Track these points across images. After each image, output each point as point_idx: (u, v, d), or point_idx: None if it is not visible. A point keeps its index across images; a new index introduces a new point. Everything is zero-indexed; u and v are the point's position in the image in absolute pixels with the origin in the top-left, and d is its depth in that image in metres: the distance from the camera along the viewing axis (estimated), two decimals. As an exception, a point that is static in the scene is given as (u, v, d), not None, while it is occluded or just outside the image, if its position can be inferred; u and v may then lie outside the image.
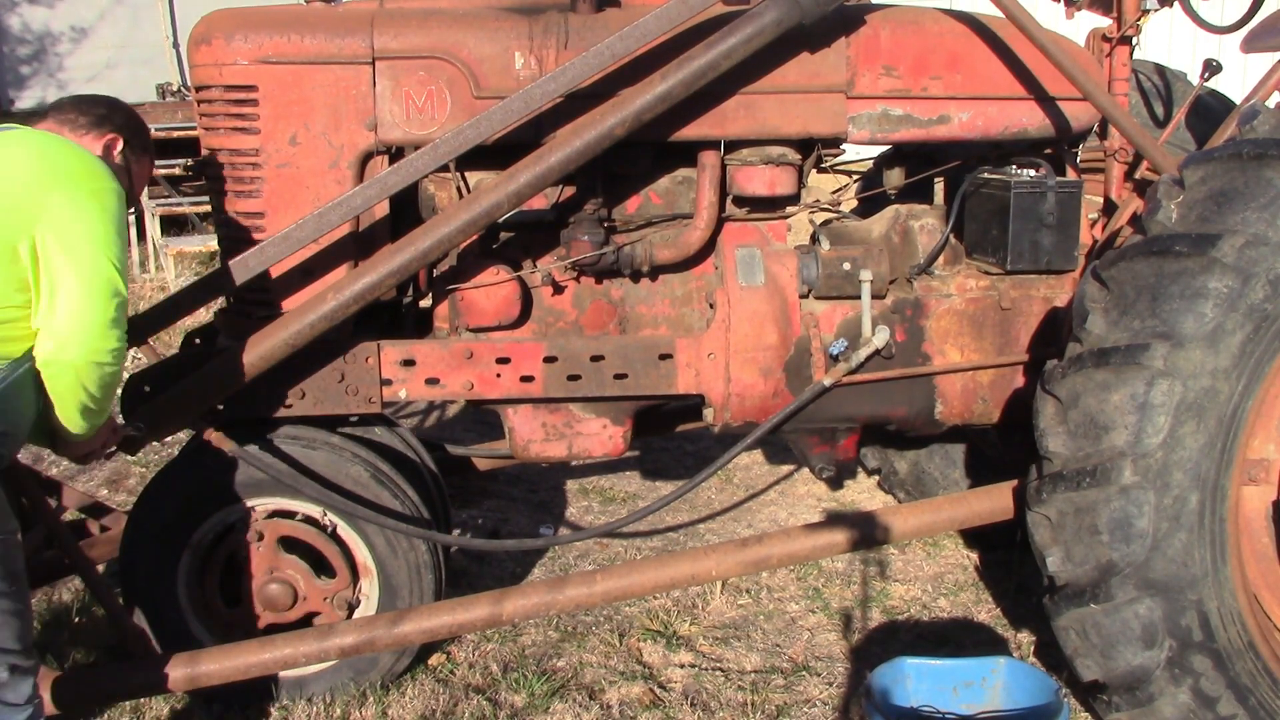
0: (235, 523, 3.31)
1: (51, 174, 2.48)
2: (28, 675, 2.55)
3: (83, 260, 2.45)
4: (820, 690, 3.47)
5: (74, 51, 11.57)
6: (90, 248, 2.46)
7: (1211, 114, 4.19)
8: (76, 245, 2.45)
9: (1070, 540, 2.85)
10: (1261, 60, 4.01)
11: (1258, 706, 2.83)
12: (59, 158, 2.54)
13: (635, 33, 3.06)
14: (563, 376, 3.39)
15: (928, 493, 4.54)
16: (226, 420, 3.26)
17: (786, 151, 3.44)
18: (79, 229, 2.46)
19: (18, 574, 2.52)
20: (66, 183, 2.48)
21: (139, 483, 4.98)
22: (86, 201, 2.48)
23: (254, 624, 3.35)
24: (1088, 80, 3.25)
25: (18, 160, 2.51)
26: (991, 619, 3.92)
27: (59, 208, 2.44)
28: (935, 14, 3.48)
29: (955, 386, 3.55)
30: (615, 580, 3.29)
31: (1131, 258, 2.85)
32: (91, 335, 2.46)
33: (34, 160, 2.51)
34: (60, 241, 2.43)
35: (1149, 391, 2.73)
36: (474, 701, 3.39)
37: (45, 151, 2.55)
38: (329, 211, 3.09)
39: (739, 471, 5.36)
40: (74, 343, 2.46)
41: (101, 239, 2.47)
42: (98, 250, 2.47)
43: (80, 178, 2.51)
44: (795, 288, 3.48)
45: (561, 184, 3.33)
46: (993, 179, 3.46)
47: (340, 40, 3.20)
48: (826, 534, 3.35)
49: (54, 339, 2.46)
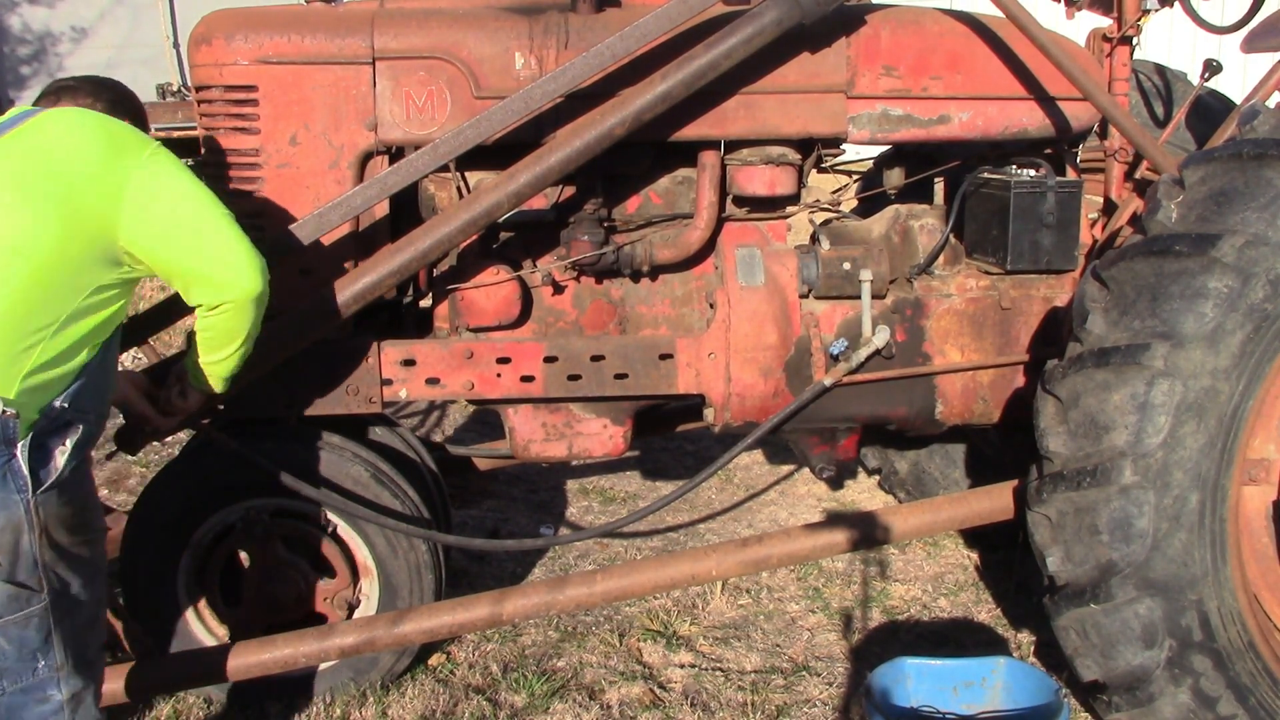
0: (235, 523, 3.31)
1: (118, 148, 2.42)
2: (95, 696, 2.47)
3: (197, 207, 2.45)
4: (820, 690, 3.47)
5: (74, 51, 11.56)
6: (193, 194, 2.45)
7: (1211, 114, 4.19)
8: (181, 199, 2.43)
9: (1070, 540, 2.85)
10: (1261, 60, 4.01)
11: (1258, 706, 2.83)
12: (115, 131, 2.47)
13: (635, 33, 3.06)
14: (563, 376, 3.39)
15: (928, 493, 4.54)
16: (226, 420, 3.26)
17: (786, 151, 3.44)
18: (171, 184, 2.43)
19: (103, 576, 2.49)
20: (135, 151, 2.43)
21: (139, 483, 4.98)
22: (158, 159, 2.45)
23: (254, 624, 3.35)
24: (1088, 80, 3.25)
25: (77, 140, 2.43)
26: (991, 619, 3.92)
27: (142, 177, 2.39)
28: (935, 14, 3.48)
29: (955, 386, 3.55)
30: (615, 580, 3.29)
31: (1131, 258, 2.85)
32: (252, 259, 2.50)
33: (95, 138, 2.43)
34: (165, 204, 2.40)
35: (1149, 391, 2.73)
36: (474, 701, 3.39)
37: (100, 127, 2.47)
38: (329, 211, 3.09)
39: (739, 471, 5.36)
40: (245, 274, 2.49)
41: (191, 183, 2.47)
42: (199, 192, 2.47)
43: (142, 143, 2.47)
44: (795, 287, 3.48)
45: (561, 184, 3.32)
46: (993, 179, 3.46)
47: (340, 40, 3.20)
48: (826, 534, 3.35)
49: (220, 283, 2.47)
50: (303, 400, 3.31)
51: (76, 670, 2.36)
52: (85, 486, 2.44)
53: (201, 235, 2.45)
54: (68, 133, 2.43)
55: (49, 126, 2.44)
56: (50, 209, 2.30)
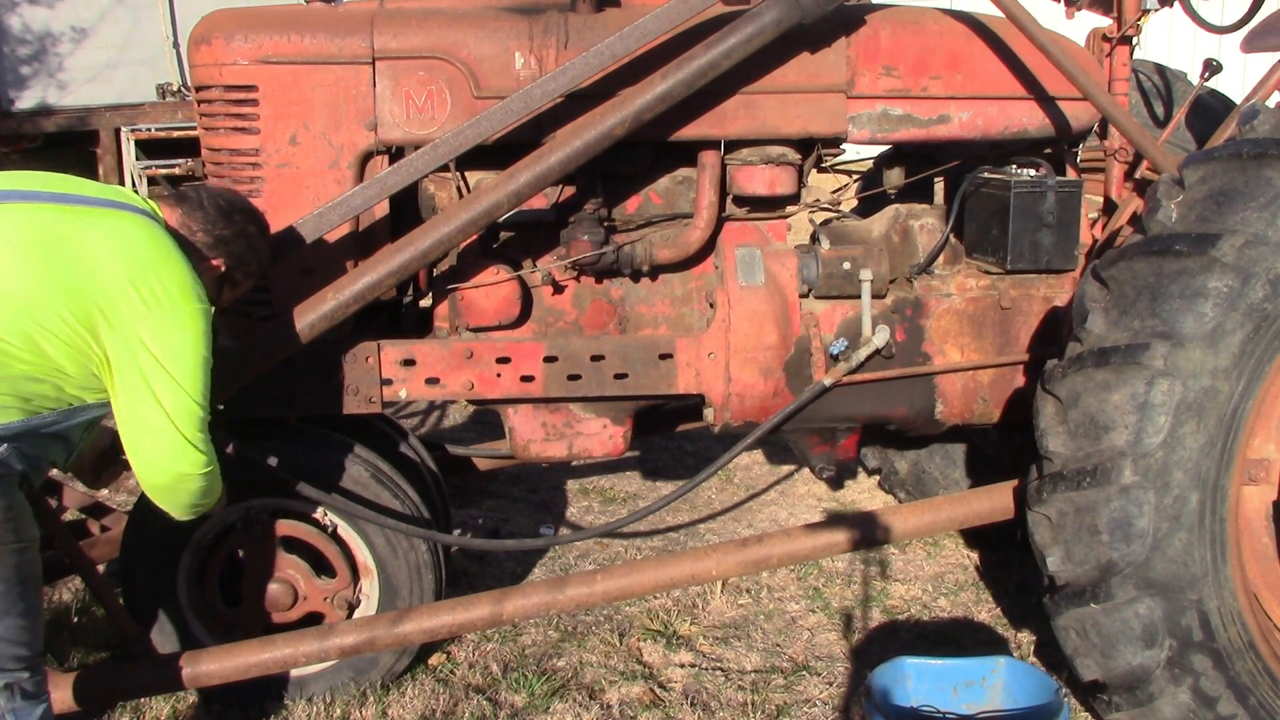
0: (235, 523, 3.31)
1: (150, 292, 2.44)
2: (36, 702, 2.54)
3: (162, 385, 2.46)
4: (820, 690, 3.47)
5: (74, 51, 11.55)
6: (169, 374, 2.47)
7: (1211, 114, 4.19)
8: (156, 370, 2.45)
9: (1070, 540, 2.85)
10: (1261, 60, 4.01)
11: (1258, 706, 2.83)
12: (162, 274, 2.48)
13: (635, 33, 3.06)
14: (563, 376, 3.38)
15: (928, 493, 4.54)
16: (227, 420, 3.25)
17: (786, 151, 3.44)
18: (160, 353, 2.45)
19: (34, 583, 2.53)
20: (160, 305, 2.45)
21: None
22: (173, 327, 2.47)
23: (254, 624, 3.35)
24: (1088, 80, 3.25)
25: (130, 259, 2.46)
26: (991, 619, 3.92)
27: (149, 335, 2.44)
28: (935, 14, 3.48)
29: (955, 386, 3.55)
30: (615, 580, 3.29)
31: (1131, 257, 2.85)
32: (173, 459, 2.53)
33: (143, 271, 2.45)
34: (141, 362, 2.44)
35: (1149, 391, 2.73)
36: (474, 701, 3.39)
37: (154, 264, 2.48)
38: (329, 211, 3.09)
39: (739, 471, 5.36)
40: (154, 477, 2.57)
41: (182, 366, 2.48)
42: (177, 377, 2.47)
43: (175, 301, 2.48)
44: (795, 287, 3.48)
45: (561, 184, 3.33)
46: (993, 179, 3.46)
47: (340, 40, 3.20)
48: (826, 534, 3.35)
49: (136, 468, 2.56)
50: (303, 400, 3.31)
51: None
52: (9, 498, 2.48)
53: (140, 425, 2.50)
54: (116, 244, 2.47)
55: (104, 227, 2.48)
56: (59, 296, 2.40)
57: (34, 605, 2.53)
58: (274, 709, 3.35)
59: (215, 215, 2.76)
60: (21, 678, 2.50)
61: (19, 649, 2.49)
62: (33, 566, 2.52)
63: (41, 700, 2.56)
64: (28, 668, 2.52)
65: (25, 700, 2.51)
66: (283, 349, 3.11)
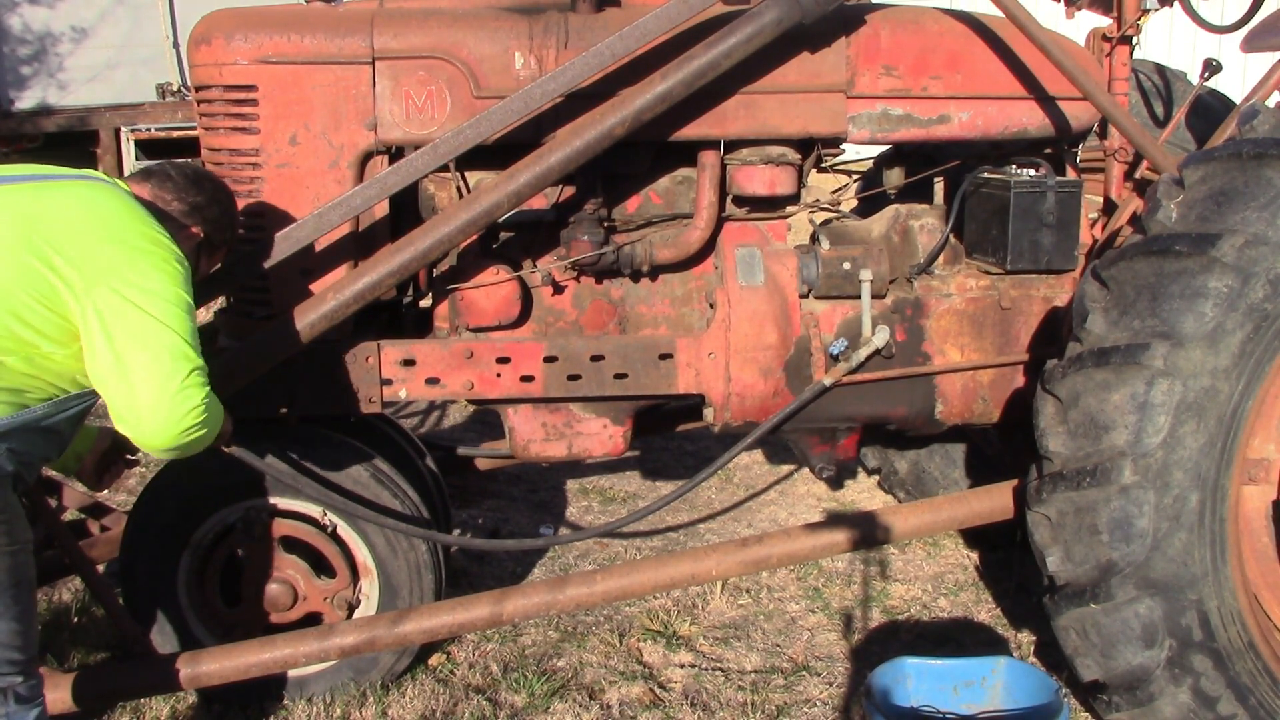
0: (235, 523, 3.31)
1: (126, 245, 2.44)
2: (30, 705, 2.55)
3: (146, 333, 2.41)
4: (820, 690, 3.47)
5: (74, 51, 11.56)
6: (153, 317, 2.42)
7: (1211, 114, 4.20)
8: (139, 315, 2.40)
9: (1070, 540, 2.85)
10: (1261, 60, 4.01)
11: (1258, 706, 2.83)
12: (135, 229, 2.48)
13: (635, 33, 3.06)
14: (563, 376, 3.38)
15: (928, 493, 4.54)
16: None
17: (786, 151, 3.44)
18: (141, 299, 2.41)
19: (27, 586, 2.52)
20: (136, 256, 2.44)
21: (139, 483, 4.97)
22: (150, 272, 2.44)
23: (254, 624, 3.35)
24: (1088, 80, 3.25)
25: (98, 218, 2.46)
26: (991, 619, 3.92)
27: (123, 283, 2.40)
28: (935, 14, 3.48)
29: (955, 386, 3.55)
30: (615, 580, 3.29)
31: (1131, 257, 2.85)
32: (167, 418, 2.42)
33: (112, 225, 2.46)
34: (123, 315, 2.39)
35: (1149, 391, 2.73)
36: (474, 701, 3.39)
37: (123, 220, 2.49)
38: (329, 211, 3.09)
39: (739, 471, 5.36)
40: (148, 433, 2.43)
41: (163, 306, 2.43)
42: (162, 317, 2.42)
43: (149, 250, 2.47)
44: (795, 287, 3.48)
45: (561, 184, 3.33)
46: (993, 179, 3.46)
47: (340, 40, 3.20)
48: (826, 534, 3.36)
49: (127, 429, 2.43)
50: (303, 400, 3.31)
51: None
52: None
53: (141, 362, 2.40)
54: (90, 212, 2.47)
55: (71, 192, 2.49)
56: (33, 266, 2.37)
57: (28, 609, 2.53)
58: (274, 709, 3.35)
59: (185, 184, 2.78)
60: (15, 682, 2.51)
61: (13, 653, 2.49)
62: (26, 570, 2.51)
63: (36, 704, 2.56)
64: (21, 672, 2.52)
65: (19, 704, 2.51)
66: (283, 349, 3.11)
